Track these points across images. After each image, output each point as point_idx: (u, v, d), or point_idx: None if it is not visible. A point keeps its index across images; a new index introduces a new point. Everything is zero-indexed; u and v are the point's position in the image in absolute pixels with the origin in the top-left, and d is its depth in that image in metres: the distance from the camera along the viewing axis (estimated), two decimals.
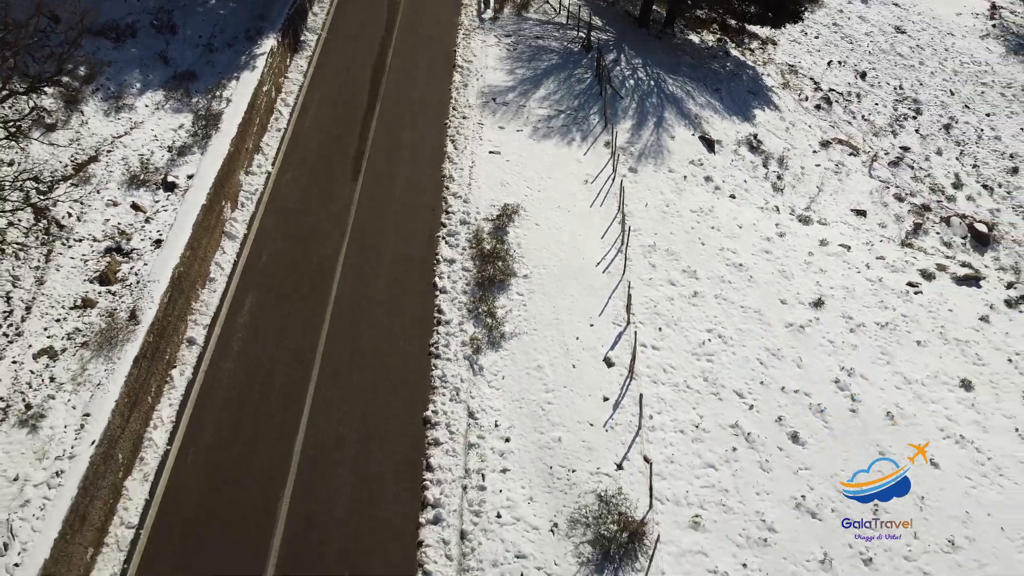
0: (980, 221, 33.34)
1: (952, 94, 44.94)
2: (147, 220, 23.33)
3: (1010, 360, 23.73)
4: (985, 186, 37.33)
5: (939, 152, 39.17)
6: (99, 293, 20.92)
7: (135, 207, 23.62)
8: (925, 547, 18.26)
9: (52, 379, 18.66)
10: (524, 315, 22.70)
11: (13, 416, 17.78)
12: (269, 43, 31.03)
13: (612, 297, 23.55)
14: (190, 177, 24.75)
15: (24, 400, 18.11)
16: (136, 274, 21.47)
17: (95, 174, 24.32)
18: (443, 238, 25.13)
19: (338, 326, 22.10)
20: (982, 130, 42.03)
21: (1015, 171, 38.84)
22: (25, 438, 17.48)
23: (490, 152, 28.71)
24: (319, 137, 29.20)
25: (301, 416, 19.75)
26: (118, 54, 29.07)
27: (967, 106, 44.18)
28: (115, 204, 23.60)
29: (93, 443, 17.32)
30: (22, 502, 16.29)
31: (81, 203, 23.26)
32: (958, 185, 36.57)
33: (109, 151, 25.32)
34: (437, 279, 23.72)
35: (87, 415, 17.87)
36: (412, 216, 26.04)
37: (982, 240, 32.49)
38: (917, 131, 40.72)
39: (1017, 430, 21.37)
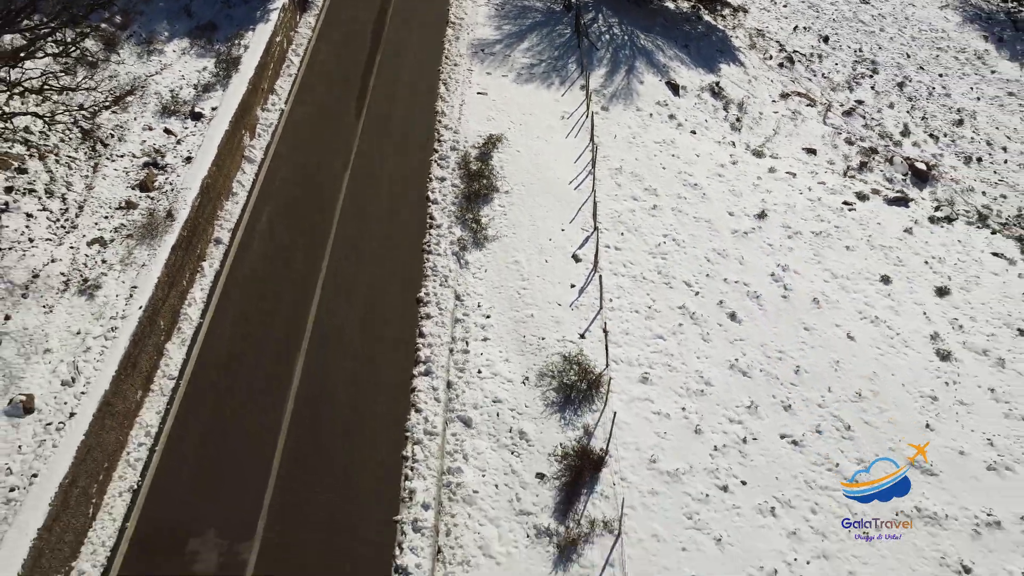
0: (920, 161, 36.29)
1: (908, 57, 47.74)
2: (178, 142, 26.35)
3: (926, 262, 26.75)
4: (932, 135, 40.22)
5: (891, 106, 42.04)
6: (139, 197, 23.96)
7: (167, 132, 26.64)
8: (836, 398, 21.33)
9: (104, 261, 21.72)
10: (504, 222, 25.73)
11: (73, 287, 20.86)
12: (281, 0, 33.96)
13: (581, 209, 26.55)
14: (214, 109, 27.75)
15: (81, 276, 21.18)
16: (171, 184, 24.50)
17: (132, 104, 27.36)
18: (435, 161, 28.15)
19: (344, 230, 25.13)
20: (933, 88, 44.86)
21: (960, 123, 41.72)
22: (84, 304, 20.57)
23: (478, 93, 31.69)
24: (326, 82, 32.17)
25: (313, 296, 22.83)
26: (147, 7, 32.03)
27: (922, 67, 46.99)
28: (150, 129, 26.61)
29: (140, 308, 20.40)
30: (84, 348, 19.39)
31: (121, 127, 26.31)
32: (906, 133, 39.43)
33: (143, 87, 28.32)
34: (429, 193, 26.76)
35: (135, 287, 20.96)
36: (408, 145, 29.05)
37: (921, 177, 35.41)
38: (872, 88, 43.56)
39: (924, 313, 24.40)
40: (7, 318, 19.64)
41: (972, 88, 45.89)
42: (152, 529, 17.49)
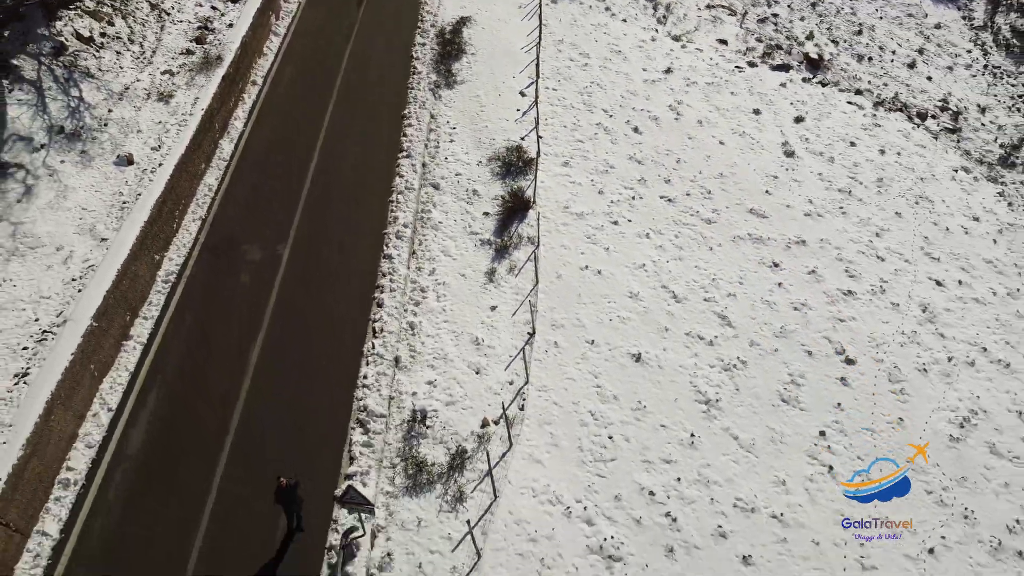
0: (815, 54, 42.88)
1: None
2: (222, 15, 33.14)
3: (792, 104, 33.47)
4: (833, 40, 46.77)
5: (802, 19, 48.54)
6: (195, 48, 30.82)
7: (213, 8, 33.45)
8: (704, 176, 28.12)
9: (173, 83, 28.66)
10: (469, 72, 32.52)
11: (154, 96, 27.77)
12: None
13: (529, 65, 33.31)
14: None
15: (158, 90, 28.10)
16: (218, 40, 31.29)
17: None
18: (418, 34, 34.90)
19: (347, 77, 31.92)
20: (842, 8, 51.32)
21: (860, 32, 48.23)
22: (162, 106, 27.50)
23: None
24: None
25: (326, 113, 29.70)
26: None
27: None
28: (200, 6, 33.42)
29: (202, 110, 27.23)
30: (165, 131, 26.34)
31: (179, 3, 33.16)
32: (810, 37, 45.99)
33: None
34: (413, 54, 33.55)
35: (197, 98, 27.84)
36: (397, 26, 35.79)
37: (814, 65, 41.98)
38: (789, 6, 50.09)
39: (781, 131, 31.10)
40: (110, 111, 26.59)
41: (877, 10, 52.28)
42: (216, 239, 24.52)
